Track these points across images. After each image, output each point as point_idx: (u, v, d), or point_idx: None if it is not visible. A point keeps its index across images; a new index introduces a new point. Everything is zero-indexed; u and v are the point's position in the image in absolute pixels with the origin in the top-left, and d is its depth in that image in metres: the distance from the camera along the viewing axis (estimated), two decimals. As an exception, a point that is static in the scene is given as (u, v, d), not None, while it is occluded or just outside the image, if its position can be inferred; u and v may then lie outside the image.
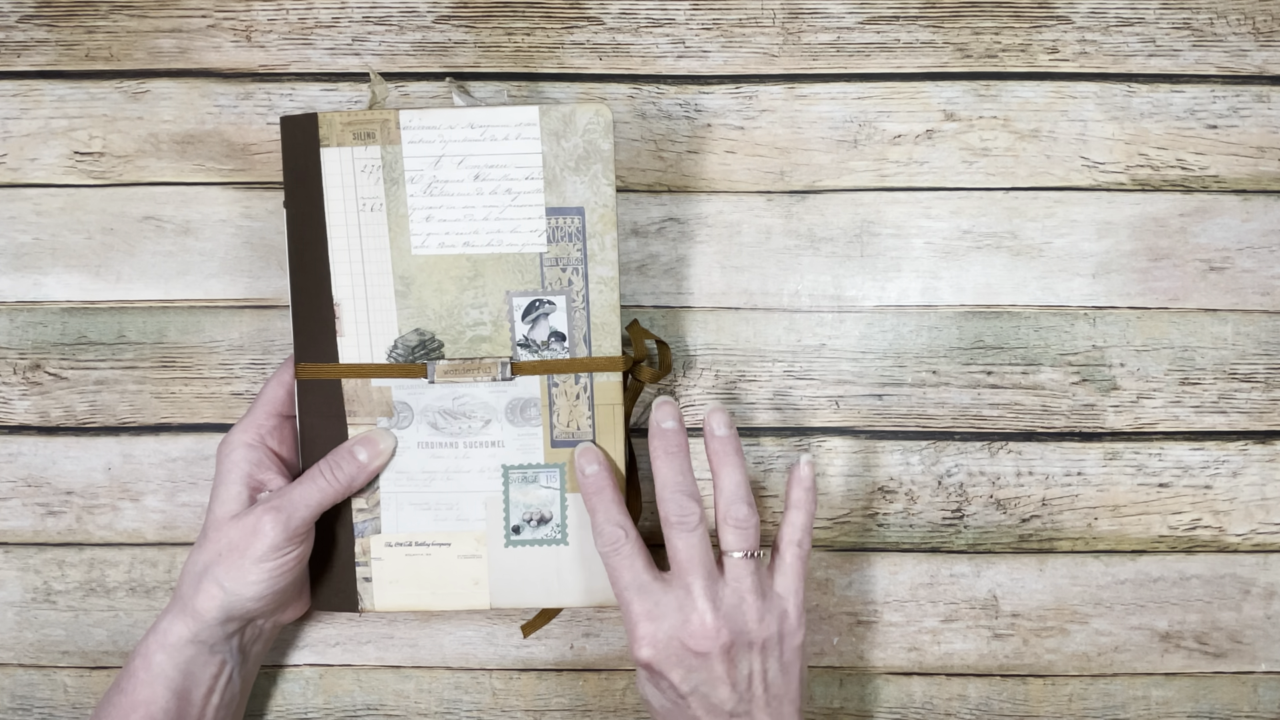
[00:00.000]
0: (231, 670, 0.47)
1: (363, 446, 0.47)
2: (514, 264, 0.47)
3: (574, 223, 0.46)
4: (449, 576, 0.49)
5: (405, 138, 0.46)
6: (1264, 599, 0.53)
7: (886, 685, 0.54)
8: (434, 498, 0.48)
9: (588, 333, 0.47)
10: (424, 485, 0.48)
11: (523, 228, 0.46)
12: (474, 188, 0.46)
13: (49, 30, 0.54)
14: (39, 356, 0.54)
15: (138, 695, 0.46)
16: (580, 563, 0.49)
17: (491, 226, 0.46)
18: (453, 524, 0.48)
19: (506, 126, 0.46)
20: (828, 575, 0.54)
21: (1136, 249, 0.53)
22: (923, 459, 0.53)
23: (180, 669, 0.46)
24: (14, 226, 0.53)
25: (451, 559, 0.48)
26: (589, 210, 0.46)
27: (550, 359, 0.47)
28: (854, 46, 0.53)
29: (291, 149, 0.46)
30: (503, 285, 0.47)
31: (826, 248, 0.53)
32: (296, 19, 0.53)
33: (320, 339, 0.47)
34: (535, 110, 0.45)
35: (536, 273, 0.47)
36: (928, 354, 0.53)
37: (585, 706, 0.54)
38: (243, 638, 0.48)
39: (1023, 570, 0.53)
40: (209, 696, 0.47)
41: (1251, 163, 0.53)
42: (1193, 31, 0.53)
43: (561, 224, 0.46)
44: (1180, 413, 0.53)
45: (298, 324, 0.48)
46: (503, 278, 0.47)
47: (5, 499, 0.54)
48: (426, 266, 0.47)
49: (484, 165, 0.46)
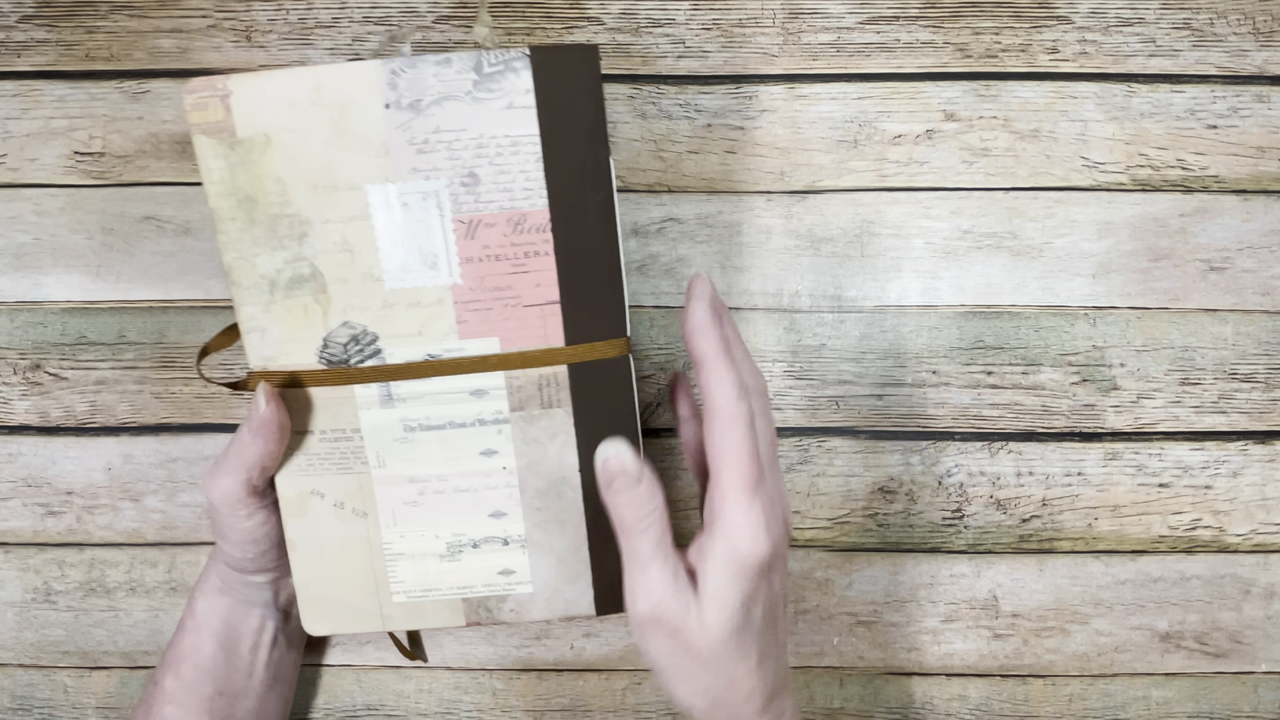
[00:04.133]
0: (275, 629, 0.48)
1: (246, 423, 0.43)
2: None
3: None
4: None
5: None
6: (1264, 599, 0.53)
7: (886, 685, 0.54)
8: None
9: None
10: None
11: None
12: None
13: (49, 30, 0.54)
14: (39, 356, 0.54)
15: (184, 644, 0.46)
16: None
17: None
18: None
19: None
20: (828, 575, 0.54)
21: (1136, 249, 0.53)
22: (923, 459, 0.53)
23: (221, 618, 0.46)
24: (14, 226, 0.53)
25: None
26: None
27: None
28: (854, 46, 0.53)
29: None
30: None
31: (826, 248, 0.53)
32: (296, 19, 0.53)
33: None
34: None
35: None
36: (928, 354, 0.53)
37: (585, 706, 0.54)
38: (277, 595, 0.47)
39: (1023, 570, 0.53)
40: (255, 651, 0.47)
41: (1252, 163, 0.53)
42: (1193, 31, 0.53)
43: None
44: (1180, 413, 0.53)
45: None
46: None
47: (5, 499, 0.54)
48: None
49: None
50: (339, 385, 0.42)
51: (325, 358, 0.42)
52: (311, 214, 0.40)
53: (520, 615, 0.45)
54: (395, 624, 0.45)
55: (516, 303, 0.41)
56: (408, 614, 0.45)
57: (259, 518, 0.43)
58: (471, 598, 0.45)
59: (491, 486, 0.44)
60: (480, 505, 0.44)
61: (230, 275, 0.41)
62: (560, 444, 0.43)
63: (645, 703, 0.54)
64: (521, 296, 0.41)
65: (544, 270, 0.41)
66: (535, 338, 0.42)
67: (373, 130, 0.39)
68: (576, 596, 0.45)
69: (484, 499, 0.44)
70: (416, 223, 0.40)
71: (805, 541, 0.54)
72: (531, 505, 0.44)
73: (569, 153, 0.40)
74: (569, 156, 0.40)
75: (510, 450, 0.43)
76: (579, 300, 0.41)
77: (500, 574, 0.45)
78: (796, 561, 0.54)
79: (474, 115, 0.39)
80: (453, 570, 0.45)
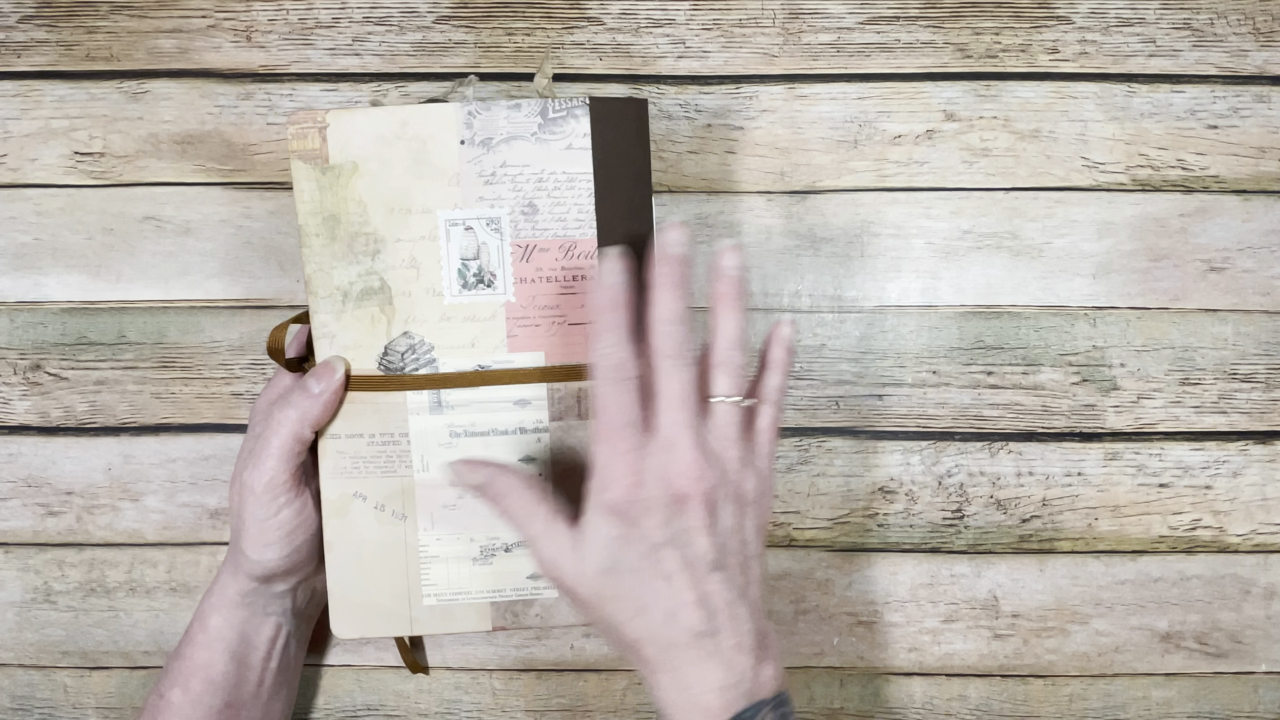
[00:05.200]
0: (288, 634, 0.48)
1: (315, 378, 0.45)
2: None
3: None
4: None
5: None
6: (1264, 599, 0.53)
7: (887, 686, 0.54)
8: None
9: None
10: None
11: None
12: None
13: (49, 30, 0.54)
14: (39, 356, 0.54)
15: (196, 659, 0.46)
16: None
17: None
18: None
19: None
20: (828, 575, 0.54)
21: (1137, 249, 0.53)
22: (923, 459, 0.53)
23: (236, 631, 0.46)
24: (14, 226, 0.53)
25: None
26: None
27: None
28: (854, 46, 0.53)
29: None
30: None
31: (826, 248, 0.53)
32: (296, 19, 0.53)
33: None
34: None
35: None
36: (928, 354, 0.53)
37: (585, 706, 0.54)
38: (295, 600, 0.48)
39: (1023, 570, 0.53)
40: (266, 661, 0.47)
41: (1251, 163, 0.53)
42: (1193, 31, 0.53)
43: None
44: (1180, 413, 0.53)
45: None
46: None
47: (5, 499, 0.54)
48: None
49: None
50: (395, 391, 0.45)
51: (384, 365, 0.45)
52: (386, 233, 0.45)
53: (546, 620, 0.47)
54: (423, 628, 0.46)
55: (563, 321, 0.45)
56: (436, 618, 0.46)
57: (294, 507, 0.44)
58: (500, 601, 0.47)
59: None
60: None
61: (309, 285, 0.45)
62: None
63: (645, 703, 0.54)
64: (567, 315, 0.45)
65: (589, 293, 0.45)
66: (578, 353, 0.45)
67: (447, 162, 0.44)
68: None
69: None
70: (479, 245, 0.45)
71: (805, 541, 0.54)
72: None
73: (617, 190, 0.45)
74: (617, 193, 0.45)
75: (547, 458, 0.46)
76: None
77: (529, 578, 0.47)
78: (796, 561, 0.54)
79: (537, 153, 0.44)
80: (484, 574, 0.46)
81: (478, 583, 0.46)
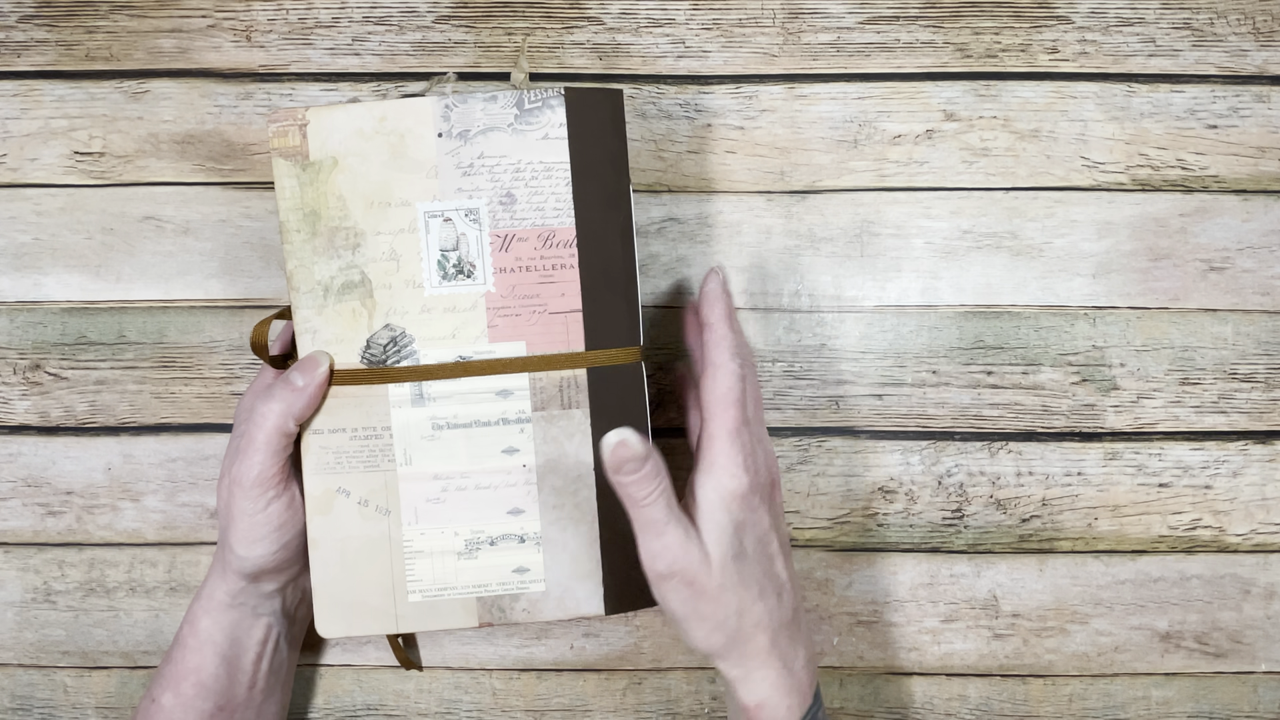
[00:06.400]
0: (278, 635, 0.48)
1: (299, 371, 0.45)
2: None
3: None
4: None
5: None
6: (1264, 599, 0.53)
7: (886, 685, 0.54)
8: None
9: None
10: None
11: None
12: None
13: (49, 30, 0.54)
14: (39, 356, 0.54)
15: (186, 663, 0.46)
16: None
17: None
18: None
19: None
20: (828, 575, 0.54)
21: (1136, 249, 0.53)
22: (923, 459, 0.53)
23: (226, 633, 0.46)
24: (14, 226, 0.53)
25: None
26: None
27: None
28: (854, 46, 0.53)
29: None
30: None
31: (826, 248, 0.53)
32: (296, 19, 0.53)
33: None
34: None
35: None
36: (928, 354, 0.53)
37: (585, 706, 0.54)
38: (285, 600, 0.48)
39: (1023, 570, 0.53)
40: (258, 663, 0.47)
41: (1251, 163, 0.53)
42: (1193, 31, 0.53)
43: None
44: (1180, 413, 0.53)
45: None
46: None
47: (5, 499, 0.54)
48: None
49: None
50: (377, 384, 0.45)
51: (367, 358, 0.45)
52: (366, 227, 0.45)
53: (532, 615, 0.46)
54: (409, 625, 0.46)
55: (543, 310, 0.45)
56: (422, 614, 0.46)
57: (283, 501, 0.44)
58: (486, 597, 0.46)
59: (511, 484, 0.46)
60: (499, 502, 0.46)
61: (291, 281, 0.45)
62: (577, 443, 0.46)
63: (645, 703, 0.54)
64: (548, 304, 0.45)
65: (569, 281, 0.45)
66: (558, 342, 0.45)
67: (425, 155, 0.45)
68: (587, 596, 0.46)
69: (503, 496, 0.46)
70: (458, 236, 0.45)
71: (805, 541, 0.54)
72: (548, 503, 0.46)
73: (595, 178, 0.45)
74: (594, 182, 0.45)
75: (531, 449, 0.46)
76: (599, 309, 0.45)
77: (515, 572, 0.46)
78: (797, 561, 0.54)
79: (514, 144, 0.45)
80: (470, 568, 0.46)
81: (463, 577, 0.46)
